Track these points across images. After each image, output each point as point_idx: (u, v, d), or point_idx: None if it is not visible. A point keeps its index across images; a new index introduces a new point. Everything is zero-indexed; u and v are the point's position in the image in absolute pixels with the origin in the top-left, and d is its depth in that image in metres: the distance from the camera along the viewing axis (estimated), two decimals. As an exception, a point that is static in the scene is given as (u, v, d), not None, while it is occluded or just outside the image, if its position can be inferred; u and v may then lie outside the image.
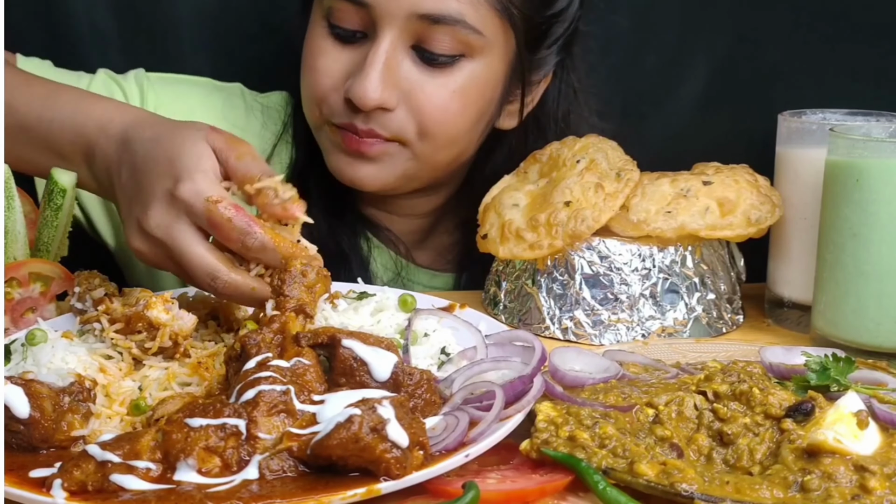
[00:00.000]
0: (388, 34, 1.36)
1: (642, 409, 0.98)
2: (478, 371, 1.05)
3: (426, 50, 1.38)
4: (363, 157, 1.44)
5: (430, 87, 1.40)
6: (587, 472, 0.88)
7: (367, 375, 0.97)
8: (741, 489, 0.86)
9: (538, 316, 1.33)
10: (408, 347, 1.12)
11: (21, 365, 1.06)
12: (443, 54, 1.38)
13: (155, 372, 1.07)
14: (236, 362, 1.00)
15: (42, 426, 0.94)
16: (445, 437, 0.92)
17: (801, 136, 1.35)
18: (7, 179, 1.22)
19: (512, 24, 1.41)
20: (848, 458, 0.88)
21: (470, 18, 1.36)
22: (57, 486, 0.85)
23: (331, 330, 1.01)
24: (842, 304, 1.23)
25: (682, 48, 1.74)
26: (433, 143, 1.44)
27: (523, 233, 1.32)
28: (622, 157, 1.38)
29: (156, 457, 0.87)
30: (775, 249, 1.40)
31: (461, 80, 1.40)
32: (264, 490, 0.85)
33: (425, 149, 1.44)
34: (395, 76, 1.38)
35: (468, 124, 1.45)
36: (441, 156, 1.47)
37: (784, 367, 1.09)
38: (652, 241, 1.31)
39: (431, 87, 1.40)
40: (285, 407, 0.91)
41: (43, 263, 1.23)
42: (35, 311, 1.22)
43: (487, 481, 0.89)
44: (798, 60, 1.70)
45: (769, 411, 0.95)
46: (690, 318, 1.31)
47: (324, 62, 1.42)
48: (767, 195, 1.34)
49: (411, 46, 1.38)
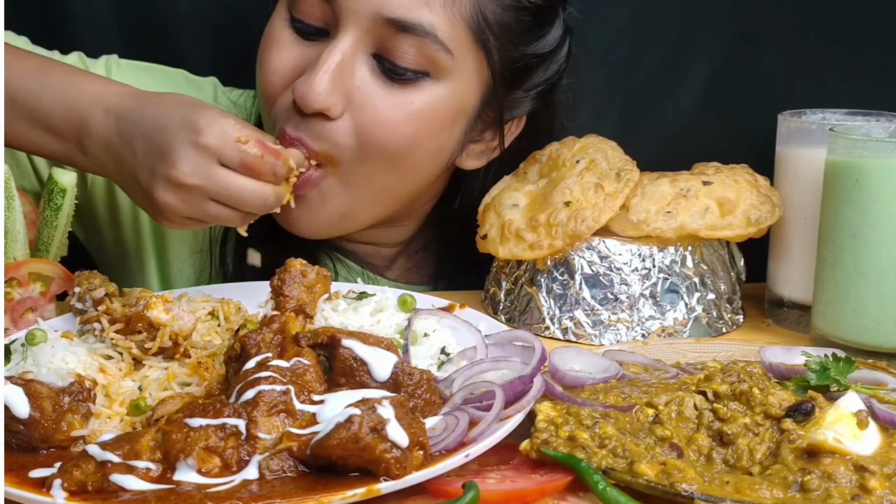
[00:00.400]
0: (350, 34, 1.24)
1: (642, 409, 0.98)
2: (478, 371, 1.05)
3: (387, 59, 1.25)
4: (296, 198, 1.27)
5: (383, 102, 1.26)
6: (587, 472, 0.88)
7: (367, 375, 0.97)
8: (741, 489, 0.86)
9: (538, 316, 1.33)
10: (408, 347, 1.12)
11: (21, 365, 1.06)
12: (406, 68, 1.25)
13: (155, 372, 1.07)
14: (236, 362, 1.00)
15: (42, 426, 0.94)
16: (445, 437, 0.92)
17: (801, 136, 1.35)
18: (7, 179, 1.22)
19: (487, 53, 1.28)
20: (848, 458, 0.88)
21: (441, 34, 1.24)
22: (57, 486, 0.85)
23: (331, 330, 1.01)
24: (842, 304, 1.23)
25: (682, 48, 1.74)
26: (370, 167, 1.29)
27: (523, 233, 1.32)
28: (622, 157, 1.38)
29: (156, 457, 0.87)
30: (775, 249, 1.40)
31: (420, 102, 1.27)
32: (264, 490, 0.85)
33: (359, 173, 1.29)
34: (346, 81, 1.25)
35: (419, 155, 1.31)
36: (377, 184, 1.32)
37: (784, 367, 1.09)
38: (652, 241, 1.31)
39: (385, 104, 1.26)
40: (285, 407, 0.91)
41: (43, 263, 1.23)
42: (35, 311, 1.22)
43: (487, 481, 0.89)
44: (798, 60, 1.70)
45: (769, 411, 0.95)
46: (690, 318, 1.31)
47: (277, 56, 1.30)
48: (767, 195, 1.34)
49: (372, 54, 1.26)
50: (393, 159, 1.29)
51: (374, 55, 1.26)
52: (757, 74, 1.72)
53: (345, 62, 1.24)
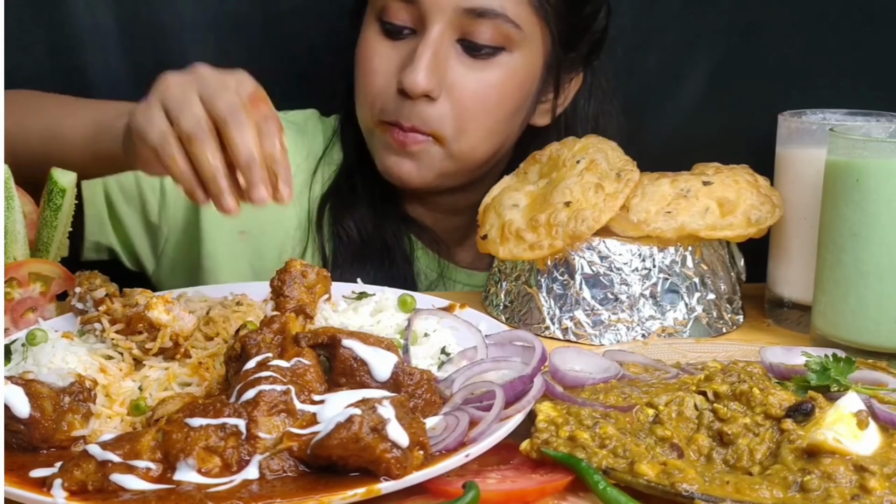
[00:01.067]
0: (437, 27, 1.45)
1: (642, 409, 0.98)
2: (478, 371, 1.05)
3: (470, 41, 1.47)
4: (407, 154, 1.51)
5: (471, 80, 1.48)
6: (587, 472, 0.89)
7: (367, 375, 0.97)
8: (741, 489, 0.86)
9: (538, 316, 1.33)
10: (408, 347, 1.12)
11: (21, 365, 1.06)
12: (485, 45, 1.47)
13: (155, 372, 1.07)
14: (236, 362, 1.00)
15: (42, 426, 0.94)
16: (445, 437, 0.92)
17: (801, 136, 1.35)
18: (7, 179, 1.22)
19: (547, 22, 1.50)
20: (848, 459, 0.88)
21: (510, 12, 1.46)
22: (57, 485, 0.85)
23: (331, 330, 1.01)
24: (842, 304, 1.23)
25: (682, 48, 1.74)
26: (469, 141, 1.51)
27: (523, 233, 1.32)
28: (622, 158, 1.38)
29: (156, 457, 0.87)
30: (775, 249, 1.40)
31: (500, 73, 1.49)
32: (264, 490, 0.85)
33: (462, 147, 1.51)
34: (441, 67, 1.47)
35: (504, 117, 1.53)
36: (477, 153, 1.53)
37: (784, 367, 1.09)
38: (652, 242, 1.31)
39: (472, 81, 1.48)
40: (285, 407, 0.91)
41: (43, 263, 1.23)
42: (35, 311, 1.22)
43: (487, 481, 0.89)
44: (798, 60, 1.70)
45: (769, 411, 0.94)
46: (690, 318, 1.31)
47: (378, 62, 1.51)
48: (767, 195, 1.34)
49: (457, 40, 1.47)
50: (485, 126, 1.52)
51: (458, 41, 1.48)
52: (757, 74, 1.72)
53: (437, 51, 1.46)
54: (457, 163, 1.54)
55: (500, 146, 1.57)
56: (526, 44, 1.50)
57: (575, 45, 1.57)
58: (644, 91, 1.76)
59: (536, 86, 1.56)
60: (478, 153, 1.54)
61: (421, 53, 1.46)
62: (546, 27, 1.52)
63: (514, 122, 1.57)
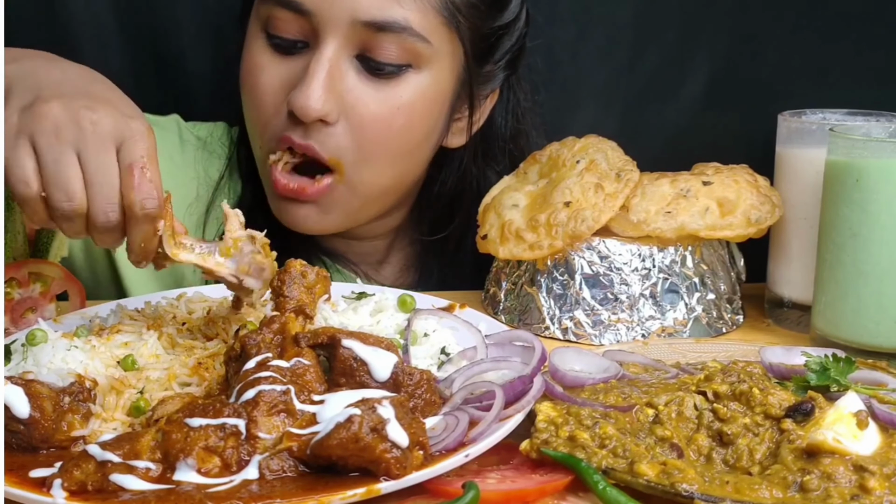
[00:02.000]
0: (332, 42, 1.29)
1: (642, 409, 0.98)
2: (478, 371, 1.05)
3: (371, 59, 1.31)
4: (297, 201, 1.36)
5: (373, 101, 1.32)
6: (587, 472, 0.89)
7: (367, 375, 0.97)
8: (741, 489, 0.86)
9: (538, 316, 1.33)
10: (408, 347, 1.12)
11: (21, 365, 1.06)
12: (389, 63, 1.31)
13: (155, 372, 1.07)
14: (236, 362, 1.00)
15: (42, 426, 0.94)
16: (445, 437, 0.92)
17: (801, 136, 1.35)
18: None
19: (459, 34, 1.35)
20: (847, 459, 0.88)
21: (416, 26, 1.30)
22: (57, 485, 0.85)
23: (331, 330, 1.01)
24: (842, 304, 1.23)
25: (682, 48, 1.74)
26: (373, 170, 1.36)
27: (523, 233, 1.32)
28: (622, 158, 1.38)
29: (156, 457, 0.88)
30: (775, 249, 1.40)
31: (407, 93, 1.33)
32: (264, 490, 0.85)
33: (364, 177, 1.36)
34: (338, 87, 1.31)
35: (414, 141, 1.38)
36: (382, 183, 1.39)
37: (784, 367, 1.09)
38: (652, 242, 1.31)
39: (375, 102, 1.32)
40: (285, 407, 0.91)
41: (43, 263, 1.24)
42: (35, 311, 1.22)
43: (487, 481, 0.89)
44: (798, 60, 1.70)
45: (769, 411, 0.95)
46: (690, 318, 1.31)
47: (264, 78, 1.34)
48: (767, 195, 1.34)
49: (355, 56, 1.32)
50: (391, 152, 1.36)
51: (357, 57, 1.32)
52: (757, 74, 1.72)
53: (332, 69, 1.30)
54: (360, 198, 1.38)
55: (408, 174, 1.42)
56: (436, 60, 1.34)
57: (490, 58, 1.42)
58: (644, 91, 1.76)
59: (448, 106, 1.41)
60: (382, 182, 1.38)
61: (313, 72, 1.28)
62: (458, 39, 1.35)
63: (425, 146, 1.41)
